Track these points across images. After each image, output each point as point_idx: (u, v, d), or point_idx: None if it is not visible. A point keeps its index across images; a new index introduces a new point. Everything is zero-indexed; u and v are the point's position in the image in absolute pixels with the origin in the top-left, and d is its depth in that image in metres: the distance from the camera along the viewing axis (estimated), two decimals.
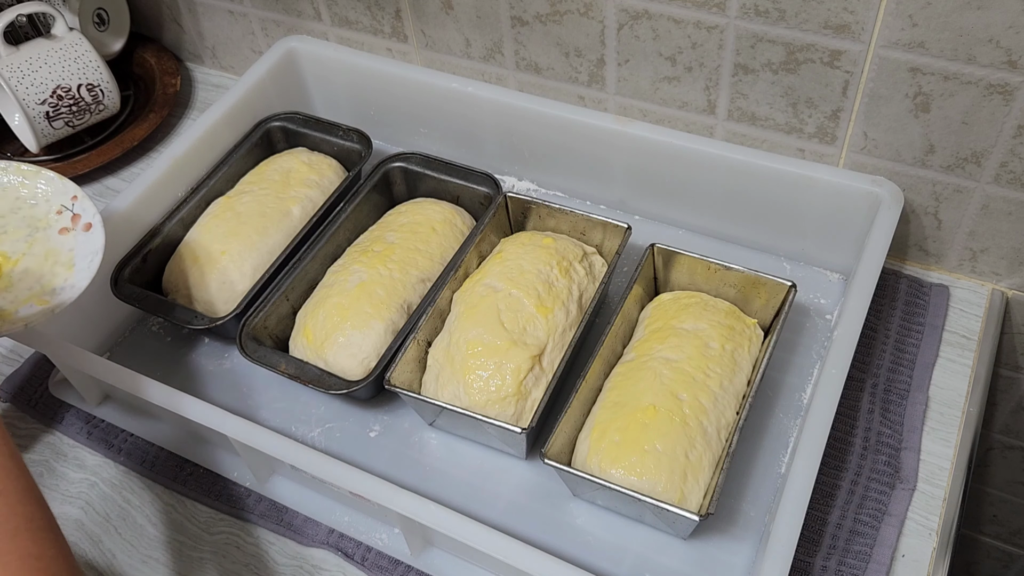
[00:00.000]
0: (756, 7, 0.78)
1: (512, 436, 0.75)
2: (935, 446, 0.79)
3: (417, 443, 0.82)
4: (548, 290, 0.82)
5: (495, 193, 0.92)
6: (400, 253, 0.87)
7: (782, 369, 0.83)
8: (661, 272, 0.85)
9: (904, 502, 0.75)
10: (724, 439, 0.73)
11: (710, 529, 0.74)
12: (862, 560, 0.72)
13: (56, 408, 0.89)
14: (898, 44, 0.74)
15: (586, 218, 0.88)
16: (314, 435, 0.83)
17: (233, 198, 0.94)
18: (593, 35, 0.88)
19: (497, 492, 0.78)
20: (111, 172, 1.12)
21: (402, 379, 0.79)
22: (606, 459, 0.72)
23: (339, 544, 0.77)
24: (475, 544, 0.66)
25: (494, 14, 0.92)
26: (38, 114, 1.05)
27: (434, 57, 1.01)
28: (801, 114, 0.84)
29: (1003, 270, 0.86)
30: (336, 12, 1.04)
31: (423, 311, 0.82)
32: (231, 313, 0.84)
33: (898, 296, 0.88)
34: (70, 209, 0.79)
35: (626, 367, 0.78)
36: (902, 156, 0.82)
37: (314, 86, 1.09)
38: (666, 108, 0.91)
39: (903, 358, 0.84)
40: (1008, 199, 0.80)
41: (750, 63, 0.82)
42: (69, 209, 0.79)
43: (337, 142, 1.01)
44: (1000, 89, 0.73)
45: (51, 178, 0.81)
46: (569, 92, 0.96)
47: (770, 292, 0.81)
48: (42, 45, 1.06)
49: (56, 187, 0.80)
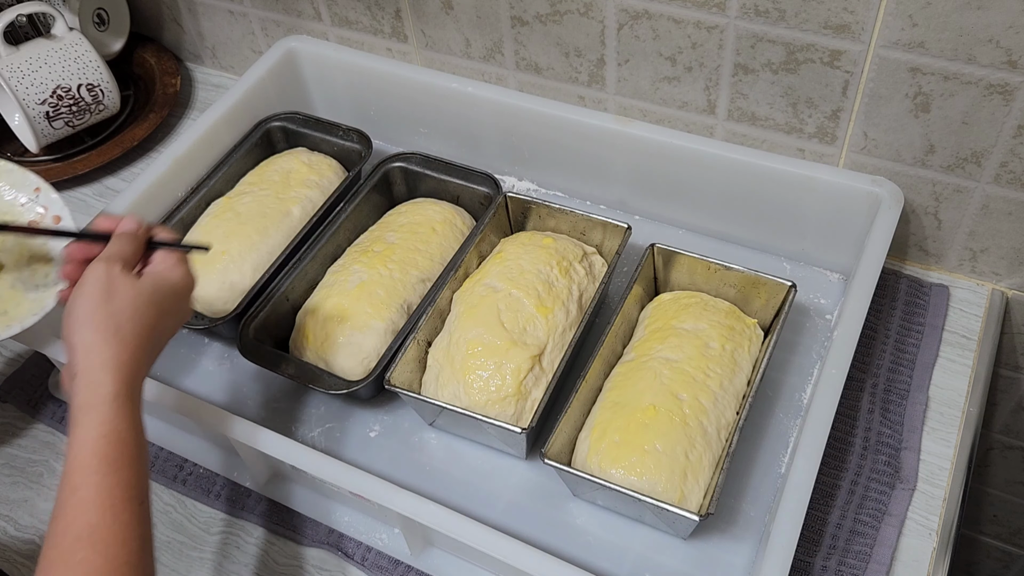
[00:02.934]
0: (756, 7, 0.78)
1: (512, 436, 0.75)
2: (935, 446, 0.79)
3: (417, 443, 0.82)
4: (548, 290, 0.82)
5: (495, 193, 0.92)
6: (400, 253, 0.87)
7: (782, 369, 0.83)
8: (661, 272, 0.85)
9: (904, 502, 0.75)
10: (724, 439, 0.73)
11: (710, 529, 0.74)
12: (862, 560, 0.72)
13: (56, 408, 0.89)
14: (898, 44, 0.74)
15: (586, 218, 0.88)
16: (314, 435, 0.83)
17: (233, 198, 0.94)
18: (593, 35, 0.88)
19: (497, 492, 0.78)
20: (111, 172, 1.12)
21: (402, 379, 0.79)
22: (606, 459, 0.72)
23: (339, 544, 0.77)
24: (475, 544, 0.66)
25: (494, 14, 0.92)
26: (38, 114, 1.05)
27: (434, 57, 1.01)
28: (801, 114, 0.84)
29: (1003, 270, 0.86)
30: (336, 12, 1.04)
31: (423, 311, 0.82)
32: (231, 313, 0.84)
33: (898, 296, 0.88)
34: (35, 201, 0.76)
35: (626, 367, 0.78)
36: (902, 156, 0.82)
37: (314, 86, 1.09)
38: (666, 108, 0.91)
39: (903, 358, 0.84)
40: (1008, 199, 0.80)
41: (750, 63, 0.82)
42: (34, 201, 0.76)
43: (337, 142, 1.01)
44: (1000, 89, 0.73)
45: (10, 170, 0.76)
46: (569, 92, 0.96)
47: (770, 292, 0.81)
48: (42, 45, 1.06)
49: (17, 179, 0.76)
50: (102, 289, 0.62)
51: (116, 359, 0.60)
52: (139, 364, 0.62)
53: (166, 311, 0.65)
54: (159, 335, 0.65)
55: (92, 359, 0.60)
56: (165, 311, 0.65)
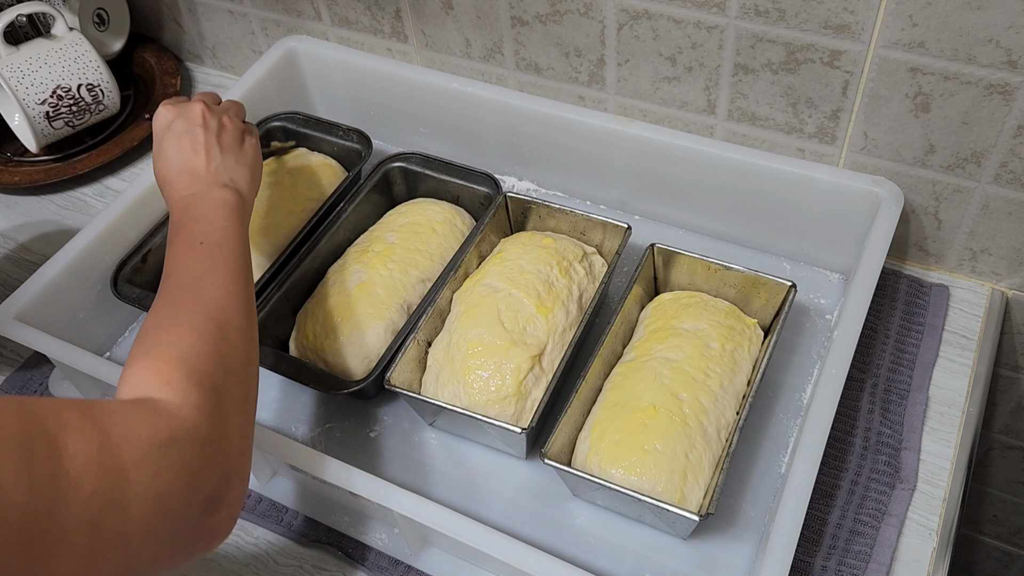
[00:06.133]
0: (756, 7, 0.78)
1: (512, 436, 0.75)
2: (935, 446, 0.79)
3: (417, 443, 0.82)
4: (548, 290, 0.82)
5: (495, 193, 0.92)
6: (400, 253, 0.87)
7: (782, 369, 0.83)
8: (661, 272, 0.85)
9: (904, 502, 0.75)
10: (724, 439, 0.73)
11: (710, 529, 0.74)
12: (862, 560, 0.72)
13: None
14: (898, 44, 0.74)
15: (586, 218, 0.88)
16: (314, 435, 0.83)
17: None
18: (593, 35, 0.88)
19: (497, 492, 0.78)
20: (111, 172, 1.12)
21: (402, 379, 0.79)
22: (606, 459, 0.72)
23: (339, 544, 0.77)
24: (475, 544, 0.66)
25: (494, 14, 0.92)
26: (38, 114, 1.05)
27: (434, 57, 1.01)
28: (801, 114, 0.84)
29: (1003, 270, 0.86)
30: (336, 12, 1.04)
31: (423, 311, 0.82)
32: None
33: (898, 296, 0.88)
34: None
35: (626, 367, 0.78)
36: (902, 156, 0.82)
37: (314, 86, 1.09)
38: (666, 108, 0.91)
39: (903, 358, 0.84)
40: (1008, 199, 0.80)
41: (750, 63, 0.82)
42: None
43: (337, 142, 1.01)
44: (1000, 89, 0.73)
45: None
46: (569, 92, 0.96)
47: (770, 292, 0.81)
48: (42, 45, 1.06)
49: None
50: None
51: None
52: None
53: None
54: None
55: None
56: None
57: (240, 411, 0.59)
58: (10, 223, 1.08)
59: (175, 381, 0.56)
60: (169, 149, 0.76)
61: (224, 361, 0.59)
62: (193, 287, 0.64)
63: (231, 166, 0.76)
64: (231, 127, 0.79)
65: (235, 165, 0.76)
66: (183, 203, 0.72)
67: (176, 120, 0.77)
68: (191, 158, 0.75)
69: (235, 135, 0.79)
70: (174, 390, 0.55)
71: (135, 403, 0.53)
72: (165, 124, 0.77)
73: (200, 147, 0.75)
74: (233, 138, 0.78)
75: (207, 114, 0.78)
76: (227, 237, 0.69)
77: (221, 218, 0.70)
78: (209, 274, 0.65)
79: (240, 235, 0.70)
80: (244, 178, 0.76)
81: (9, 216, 1.08)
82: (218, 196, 0.72)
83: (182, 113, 0.77)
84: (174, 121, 0.77)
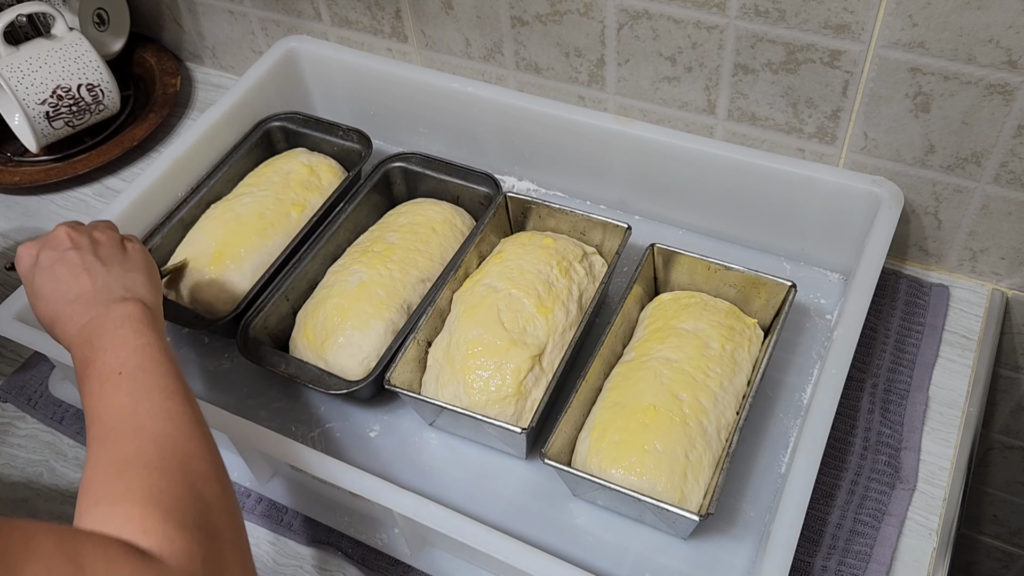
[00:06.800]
0: (756, 7, 0.78)
1: (512, 436, 0.75)
2: (935, 446, 0.79)
3: (417, 443, 0.82)
4: (548, 290, 0.82)
5: (495, 193, 0.92)
6: (400, 253, 0.87)
7: (782, 369, 0.83)
8: (661, 272, 0.85)
9: (904, 502, 0.75)
10: (724, 439, 0.73)
11: (710, 529, 0.74)
12: (862, 560, 0.72)
13: (56, 408, 0.89)
14: (898, 44, 0.74)
15: (586, 218, 0.88)
16: (314, 435, 0.83)
17: (232, 200, 0.94)
18: (593, 35, 0.88)
19: (497, 492, 0.78)
20: (111, 172, 1.12)
21: (402, 379, 0.79)
22: (606, 459, 0.72)
23: (339, 544, 0.77)
24: (475, 544, 0.66)
25: (494, 14, 0.92)
26: (38, 114, 1.05)
27: (434, 57, 1.01)
28: (801, 114, 0.84)
29: (1003, 270, 0.86)
30: (336, 12, 1.04)
31: (423, 311, 0.82)
32: (231, 313, 0.84)
33: (898, 296, 0.88)
34: None
35: (626, 367, 0.78)
36: (902, 156, 0.82)
37: (314, 86, 1.09)
38: (666, 108, 0.91)
39: (903, 358, 0.84)
40: (1008, 199, 0.80)
41: (750, 63, 0.82)
42: None
43: (337, 142, 1.01)
44: (1000, 89, 0.73)
45: None
46: (569, 92, 0.96)
47: (770, 292, 0.81)
48: (42, 45, 1.06)
49: None
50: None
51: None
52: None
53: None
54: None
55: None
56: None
57: (234, 548, 0.51)
58: (10, 223, 1.08)
59: (152, 527, 0.46)
60: (44, 285, 0.66)
61: (199, 495, 0.51)
62: (129, 425, 0.54)
63: (120, 276, 0.67)
64: (105, 239, 0.70)
65: (125, 274, 0.67)
66: (82, 335, 0.62)
67: (41, 252, 0.68)
68: (72, 284, 0.65)
69: (112, 245, 0.70)
70: (154, 537, 0.46)
71: (122, 544, 0.45)
72: (30, 262, 0.69)
73: (78, 269, 0.66)
74: (112, 249, 0.70)
75: (73, 234, 0.69)
76: (146, 356, 0.59)
77: (131, 336, 0.61)
78: (142, 405, 0.56)
79: (160, 348, 0.61)
80: (140, 283, 0.67)
81: (9, 216, 1.08)
82: (118, 313, 0.62)
83: (45, 244, 0.69)
84: (39, 254, 0.68)
